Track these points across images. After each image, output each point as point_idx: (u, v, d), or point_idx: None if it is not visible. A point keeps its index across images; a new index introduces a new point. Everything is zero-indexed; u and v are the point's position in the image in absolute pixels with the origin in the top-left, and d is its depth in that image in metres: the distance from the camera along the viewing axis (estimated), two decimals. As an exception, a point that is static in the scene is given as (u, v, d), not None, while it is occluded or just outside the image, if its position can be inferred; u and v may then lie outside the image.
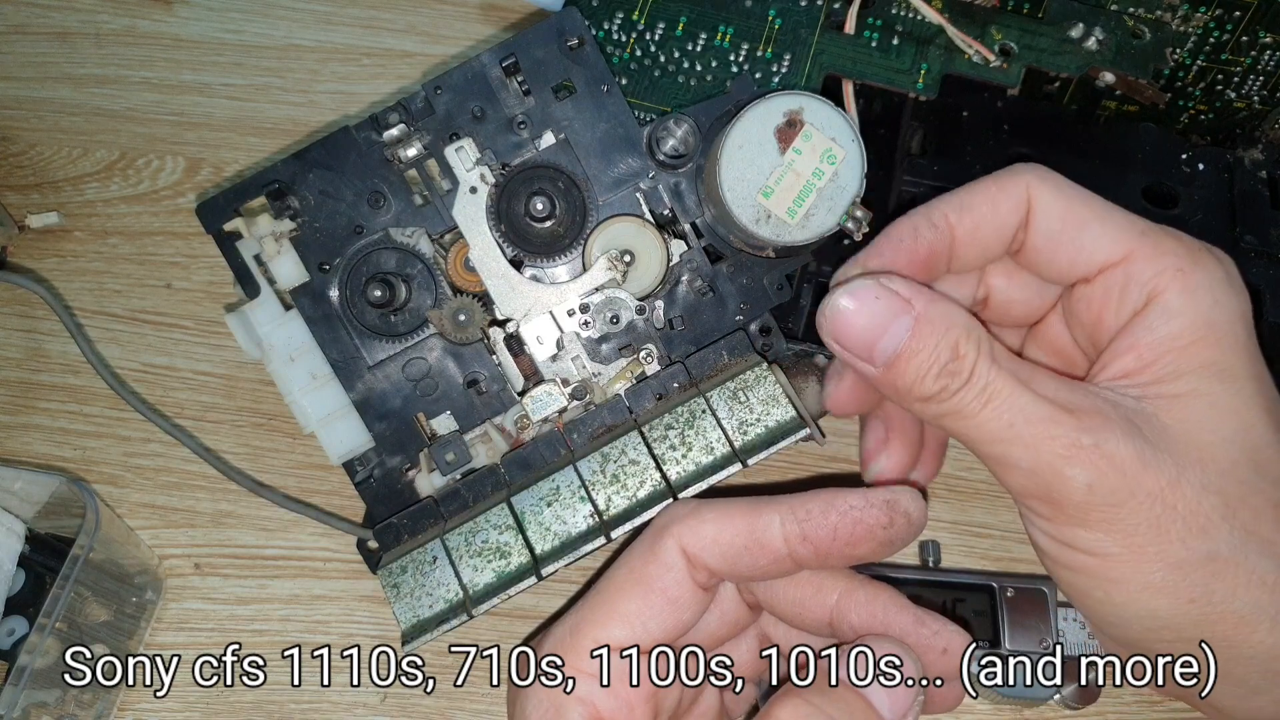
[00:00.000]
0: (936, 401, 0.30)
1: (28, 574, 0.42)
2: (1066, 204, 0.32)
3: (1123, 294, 0.31)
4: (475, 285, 0.37)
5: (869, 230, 0.35)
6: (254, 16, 0.55)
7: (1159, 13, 0.42)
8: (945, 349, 0.30)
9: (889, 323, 0.30)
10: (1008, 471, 0.30)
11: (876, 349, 0.31)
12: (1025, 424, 0.29)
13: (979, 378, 0.30)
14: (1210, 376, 0.30)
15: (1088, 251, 0.31)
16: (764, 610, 0.34)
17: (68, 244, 0.50)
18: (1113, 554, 0.29)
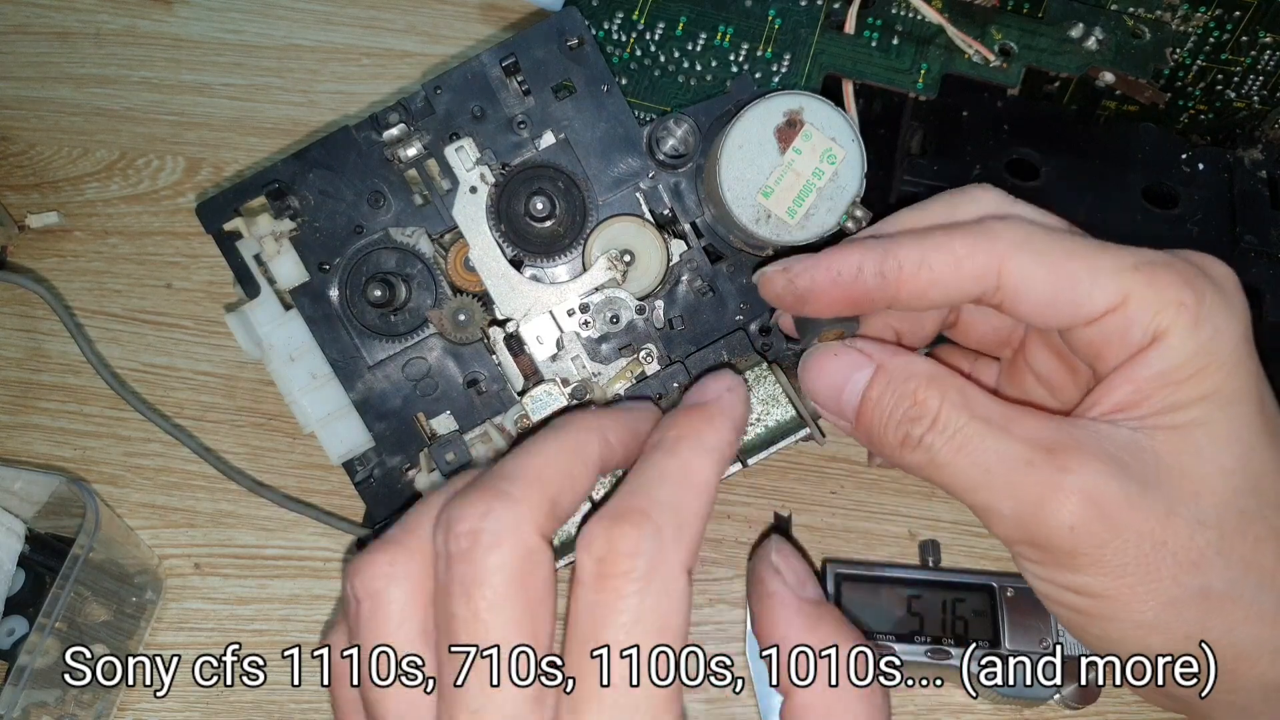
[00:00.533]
0: (909, 450, 0.30)
1: (28, 574, 0.42)
2: (1051, 268, 0.30)
3: (1124, 336, 0.30)
4: (475, 285, 0.37)
5: (869, 230, 0.35)
6: (254, 16, 0.55)
7: (1159, 13, 0.42)
8: (903, 396, 0.30)
9: (850, 375, 0.32)
10: (992, 520, 0.30)
11: (843, 400, 0.32)
12: (1001, 468, 0.29)
13: (947, 425, 0.30)
14: (1212, 405, 0.29)
15: (1085, 306, 0.30)
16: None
17: (68, 244, 0.50)
18: (1104, 594, 0.29)
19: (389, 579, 0.27)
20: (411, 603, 0.27)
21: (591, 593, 0.25)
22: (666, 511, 0.26)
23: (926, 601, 0.41)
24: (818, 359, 0.33)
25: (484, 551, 0.25)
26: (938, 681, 0.42)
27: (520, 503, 0.26)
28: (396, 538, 0.28)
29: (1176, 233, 0.41)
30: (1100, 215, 0.41)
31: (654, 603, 0.25)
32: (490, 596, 0.25)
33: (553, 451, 0.28)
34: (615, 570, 0.25)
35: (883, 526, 0.46)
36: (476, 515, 0.26)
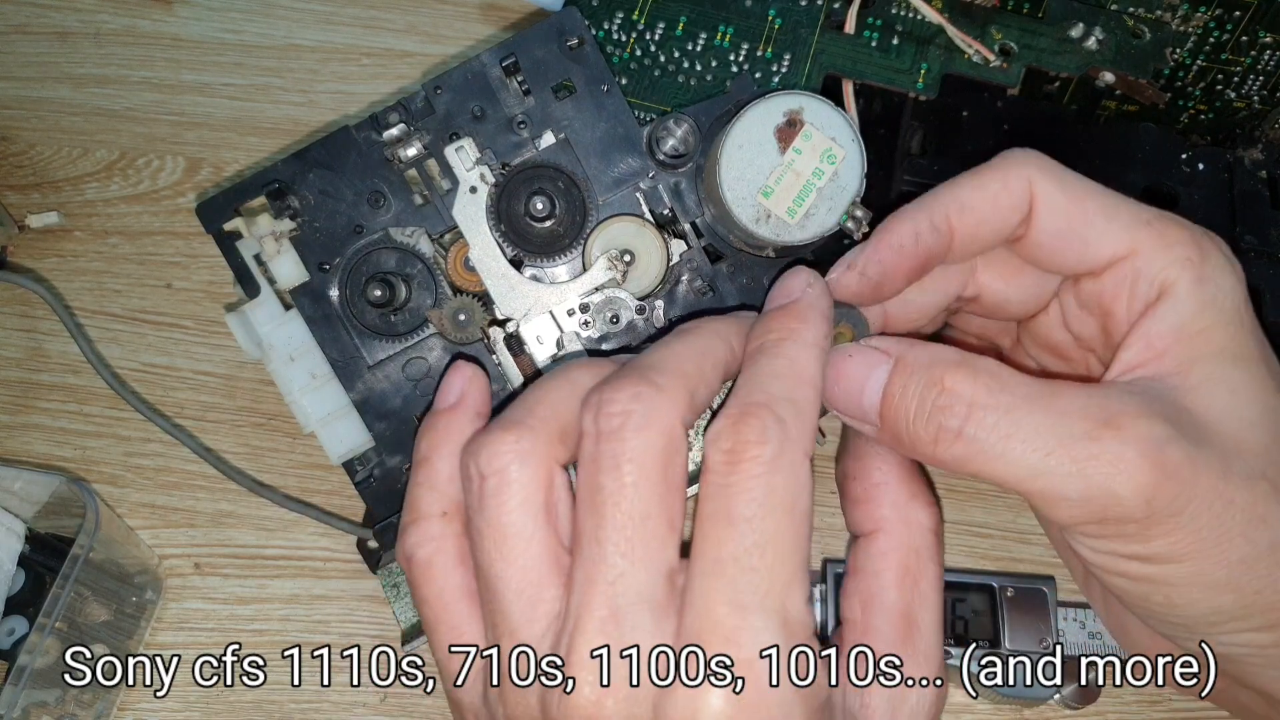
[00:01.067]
0: (946, 444, 0.29)
1: (28, 574, 0.42)
2: (1070, 198, 0.31)
3: (1133, 288, 0.30)
4: (475, 285, 0.37)
5: (868, 230, 0.35)
6: (254, 16, 0.55)
7: (1159, 13, 0.42)
8: (930, 385, 0.29)
9: (868, 373, 0.30)
10: (1055, 505, 0.28)
11: (864, 403, 0.30)
12: (1062, 449, 0.28)
13: (988, 411, 0.28)
14: (1225, 362, 0.29)
15: (1094, 246, 0.31)
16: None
17: (68, 244, 0.50)
18: (1178, 559, 0.28)
19: (515, 455, 0.28)
20: (535, 480, 0.28)
21: (722, 477, 0.27)
22: (784, 404, 0.28)
23: (926, 601, 0.41)
24: (833, 362, 0.31)
25: (634, 430, 0.27)
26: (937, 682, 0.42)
27: (666, 390, 0.28)
28: (518, 418, 0.29)
29: (1176, 233, 0.41)
30: (1100, 215, 0.41)
31: (783, 481, 0.26)
32: (637, 472, 0.27)
33: (691, 350, 0.30)
34: (744, 456, 0.27)
35: (883, 526, 0.45)
36: (627, 398, 0.27)
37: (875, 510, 0.30)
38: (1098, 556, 0.30)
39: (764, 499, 0.26)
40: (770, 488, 0.26)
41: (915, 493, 0.31)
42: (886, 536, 0.30)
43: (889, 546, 0.30)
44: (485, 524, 0.28)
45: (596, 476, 0.27)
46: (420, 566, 0.31)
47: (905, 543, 0.30)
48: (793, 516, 0.26)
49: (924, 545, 0.30)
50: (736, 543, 0.26)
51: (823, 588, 0.42)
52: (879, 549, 0.30)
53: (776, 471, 0.26)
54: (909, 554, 0.30)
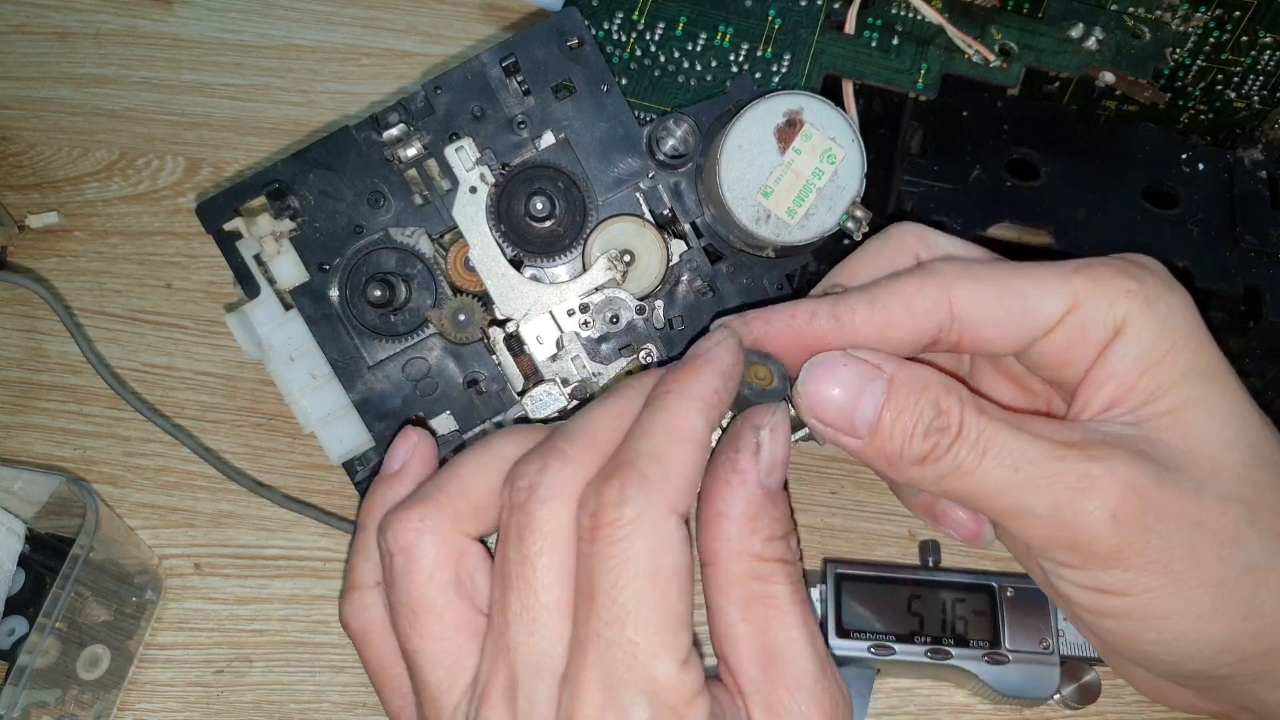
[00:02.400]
0: (931, 462, 0.29)
1: (28, 574, 0.42)
2: (996, 287, 0.30)
3: (1084, 336, 0.30)
4: (475, 285, 0.37)
5: (869, 230, 0.35)
6: (254, 16, 0.55)
7: (1159, 13, 0.42)
8: (926, 406, 0.29)
9: (862, 388, 0.29)
10: (1024, 522, 0.29)
11: (856, 418, 0.29)
12: (1031, 466, 0.28)
13: (970, 430, 0.29)
14: (1194, 382, 0.29)
15: (1037, 316, 0.30)
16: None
17: (68, 244, 0.50)
18: (1154, 588, 0.28)
19: (419, 532, 0.29)
20: (442, 555, 0.29)
21: (586, 545, 0.27)
22: (649, 461, 0.27)
23: (926, 601, 0.41)
24: (822, 373, 0.30)
25: (539, 502, 0.27)
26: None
27: (572, 460, 0.28)
28: (427, 494, 0.29)
29: (1176, 233, 0.41)
30: (1100, 215, 0.41)
31: (642, 545, 0.26)
32: (540, 542, 0.27)
33: (607, 414, 0.29)
34: (602, 521, 0.26)
35: (883, 526, 0.46)
36: (534, 471, 0.28)
37: (710, 542, 0.29)
38: (1078, 593, 0.30)
39: (621, 567, 0.26)
40: (627, 554, 0.26)
41: (756, 528, 0.29)
42: (720, 570, 0.28)
43: (726, 580, 0.28)
44: (397, 600, 0.29)
45: (505, 548, 0.28)
46: (355, 635, 0.32)
47: (743, 572, 0.28)
48: (656, 581, 0.26)
49: (766, 573, 0.28)
50: (598, 617, 0.26)
51: (823, 588, 0.42)
52: (717, 583, 0.29)
53: (635, 535, 0.26)
54: (749, 581, 0.28)
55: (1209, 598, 0.28)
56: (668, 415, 0.28)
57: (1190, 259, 0.40)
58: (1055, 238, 0.40)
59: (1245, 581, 0.28)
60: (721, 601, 0.29)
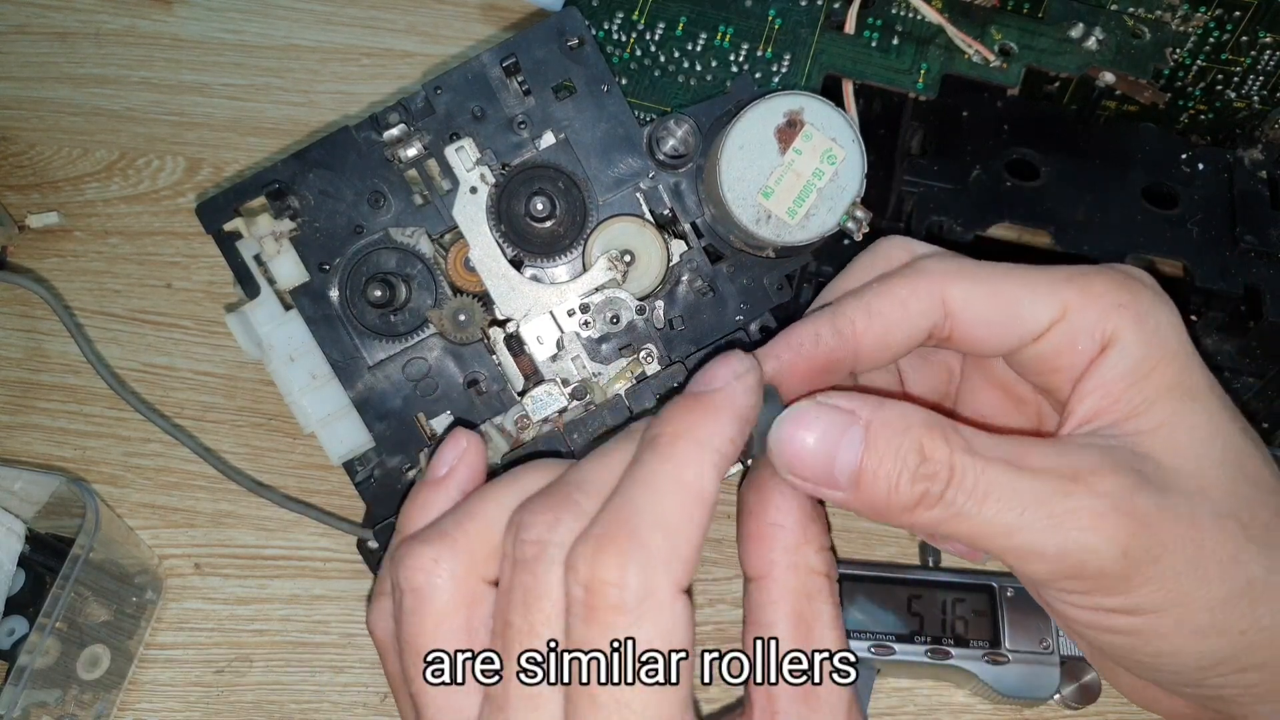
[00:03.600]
0: (925, 509, 0.27)
1: (28, 574, 0.42)
2: (988, 288, 0.30)
3: (1073, 346, 0.30)
4: (475, 285, 0.37)
5: (869, 230, 0.35)
6: (254, 16, 0.55)
7: (1159, 13, 0.42)
8: (909, 451, 0.27)
9: (839, 437, 0.27)
10: (1031, 561, 0.28)
11: (835, 469, 0.27)
12: (1037, 507, 0.27)
13: (965, 474, 0.27)
14: (1179, 398, 0.29)
15: (1026, 321, 0.30)
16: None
17: (68, 244, 0.50)
18: (1159, 608, 0.28)
19: (431, 574, 0.27)
20: (454, 601, 0.27)
21: (581, 624, 0.24)
22: (656, 529, 0.24)
23: (926, 601, 0.41)
24: (791, 426, 0.28)
25: (547, 565, 0.25)
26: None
27: (588, 515, 0.25)
28: (446, 530, 0.28)
29: (1176, 233, 0.41)
30: (1100, 215, 0.41)
31: (646, 634, 0.24)
32: (548, 611, 0.25)
33: (623, 460, 0.27)
34: (602, 602, 0.24)
35: (883, 526, 0.46)
36: (545, 525, 0.25)
37: (766, 553, 0.27)
38: (1080, 613, 0.29)
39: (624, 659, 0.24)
40: (630, 646, 0.24)
41: (810, 537, 0.28)
42: (775, 583, 0.27)
43: (779, 594, 0.27)
44: (404, 641, 0.27)
45: (507, 611, 0.25)
46: (379, 644, 0.31)
47: (795, 588, 0.27)
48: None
49: (815, 589, 0.27)
50: (596, 714, 0.24)
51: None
52: (769, 597, 0.27)
53: (639, 623, 0.24)
54: (800, 599, 0.27)
55: (1210, 615, 0.28)
56: (675, 468, 0.25)
57: (1190, 259, 0.40)
58: (1055, 238, 0.41)
59: (1244, 599, 0.28)
60: (771, 615, 0.27)
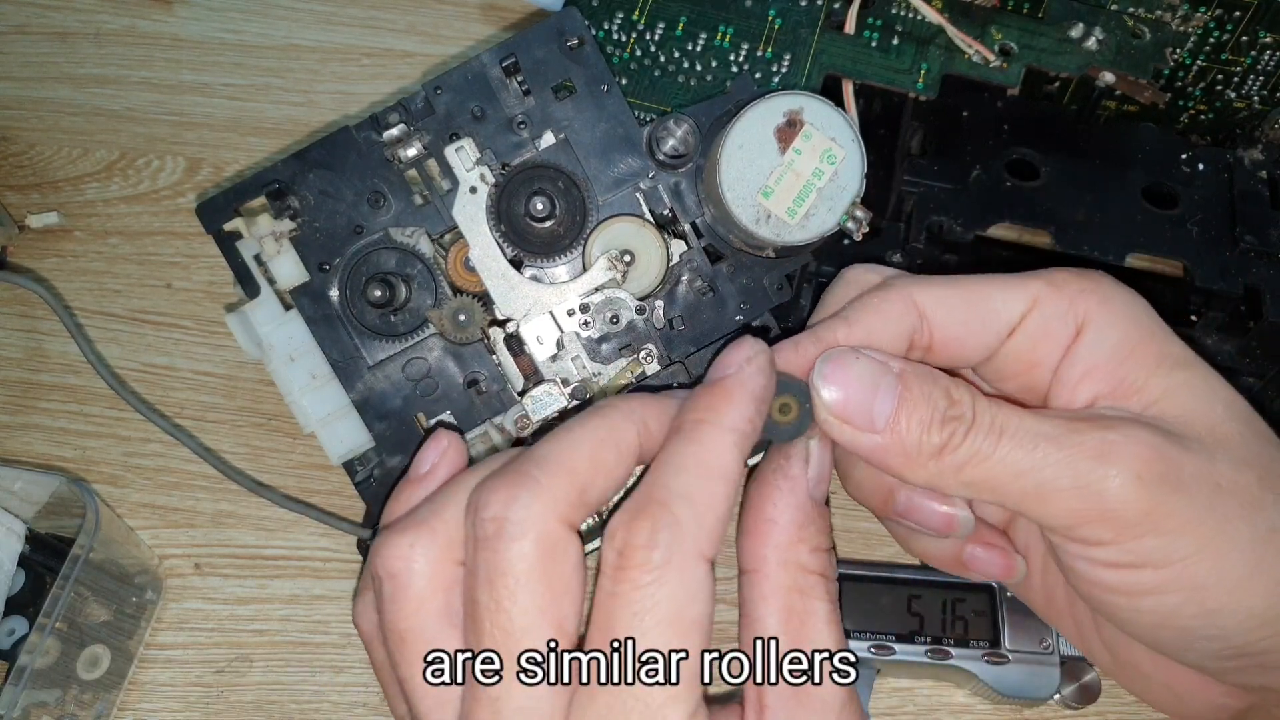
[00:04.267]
0: (949, 452, 0.29)
1: (28, 574, 0.42)
2: (956, 292, 0.31)
3: (1048, 334, 0.31)
4: (475, 285, 0.37)
5: (869, 230, 0.35)
6: (254, 16, 0.55)
7: (1159, 13, 0.42)
8: (939, 395, 0.29)
9: (877, 382, 0.29)
10: (1048, 501, 0.28)
11: (874, 411, 0.29)
12: (1049, 442, 0.28)
13: (983, 416, 0.29)
14: (1170, 369, 0.30)
15: (1000, 314, 0.31)
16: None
17: (68, 244, 0.50)
18: (1189, 554, 0.28)
19: (408, 560, 0.28)
20: (432, 585, 0.28)
21: (610, 583, 0.26)
22: (683, 501, 0.26)
23: (926, 601, 0.41)
24: (838, 365, 0.29)
25: (507, 540, 0.26)
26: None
27: (546, 490, 0.26)
28: (422, 518, 0.28)
29: (1176, 233, 0.41)
30: (1100, 215, 0.41)
31: (669, 592, 0.25)
32: (511, 585, 0.26)
33: (586, 437, 0.28)
34: (631, 562, 0.25)
35: (883, 526, 0.45)
36: (501, 502, 0.26)
37: (759, 547, 0.28)
38: (1113, 575, 0.29)
39: (645, 612, 0.25)
40: (654, 600, 0.25)
41: (805, 536, 0.28)
42: (766, 579, 0.28)
43: (770, 589, 0.28)
44: (386, 628, 0.28)
45: (474, 590, 0.26)
46: (364, 638, 0.31)
47: (787, 584, 0.28)
48: (678, 628, 0.25)
49: (808, 586, 0.28)
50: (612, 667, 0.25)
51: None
52: (759, 592, 0.28)
53: (663, 581, 0.25)
54: (791, 595, 0.28)
55: (1242, 561, 0.28)
56: (698, 449, 0.27)
57: (1190, 259, 0.40)
58: (1055, 238, 0.40)
59: (1272, 545, 0.28)
60: (762, 610, 0.28)
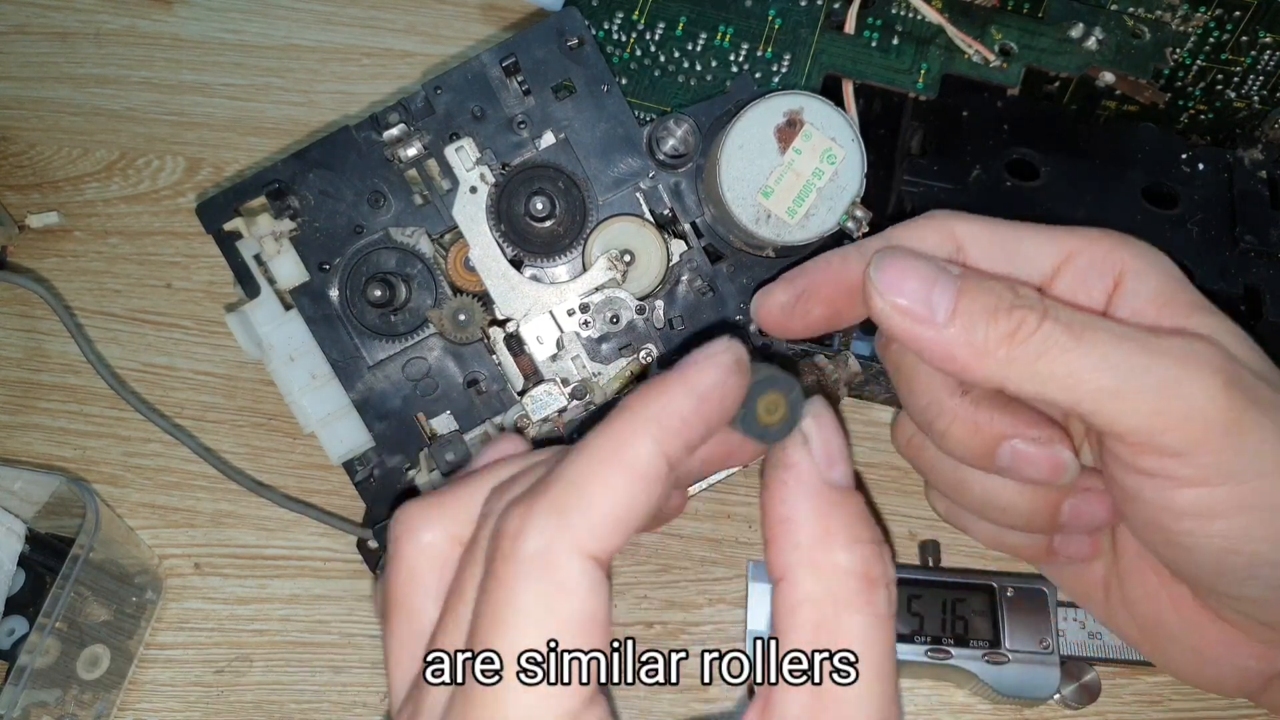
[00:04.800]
0: (1020, 342, 0.27)
1: (28, 574, 0.42)
2: (993, 230, 0.31)
3: (1086, 285, 0.30)
4: (475, 285, 0.37)
5: (869, 230, 0.35)
6: (254, 16, 0.55)
7: (1159, 13, 0.42)
8: (1003, 288, 0.28)
9: (936, 275, 0.28)
10: (1131, 399, 0.27)
11: (934, 298, 0.28)
12: (1133, 342, 0.27)
13: (1059, 310, 0.27)
14: (1206, 315, 0.30)
15: (1034, 260, 0.31)
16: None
17: (68, 244, 0.50)
18: (1267, 471, 0.27)
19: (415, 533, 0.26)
20: (428, 561, 0.26)
21: (487, 572, 0.23)
22: (570, 489, 0.23)
23: (926, 601, 0.41)
24: (894, 257, 0.28)
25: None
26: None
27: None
28: (441, 495, 0.27)
29: (1176, 233, 0.41)
30: (1100, 215, 0.41)
31: (534, 588, 0.22)
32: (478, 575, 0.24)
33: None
34: (498, 551, 0.23)
35: (882, 526, 0.46)
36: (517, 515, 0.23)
37: (778, 555, 0.24)
38: (1189, 498, 0.28)
39: (505, 607, 0.22)
40: (513, 596, 0.22)
41: (831, 529, 0.24)
42: (791, 586, 0.24)
43: (796, 599, 0.24)
44: (384, 590, 0.27)
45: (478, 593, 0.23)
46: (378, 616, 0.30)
47: (814, 593, 0.24)
48: (541, 631, 0.22)
49: (843, 592, 0.24)
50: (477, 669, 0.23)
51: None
52: (786, 603, 0.24)
53: (527, 576, 0.22)
54: (821, 606, 0.24)
55: None
56: (606, 437, 0.24)
57: (1190, 259, 0.40)
58: (1055, 238, 0.41)
59: None
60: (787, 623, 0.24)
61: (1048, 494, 0.33)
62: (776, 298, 0.33)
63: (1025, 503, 0.33)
